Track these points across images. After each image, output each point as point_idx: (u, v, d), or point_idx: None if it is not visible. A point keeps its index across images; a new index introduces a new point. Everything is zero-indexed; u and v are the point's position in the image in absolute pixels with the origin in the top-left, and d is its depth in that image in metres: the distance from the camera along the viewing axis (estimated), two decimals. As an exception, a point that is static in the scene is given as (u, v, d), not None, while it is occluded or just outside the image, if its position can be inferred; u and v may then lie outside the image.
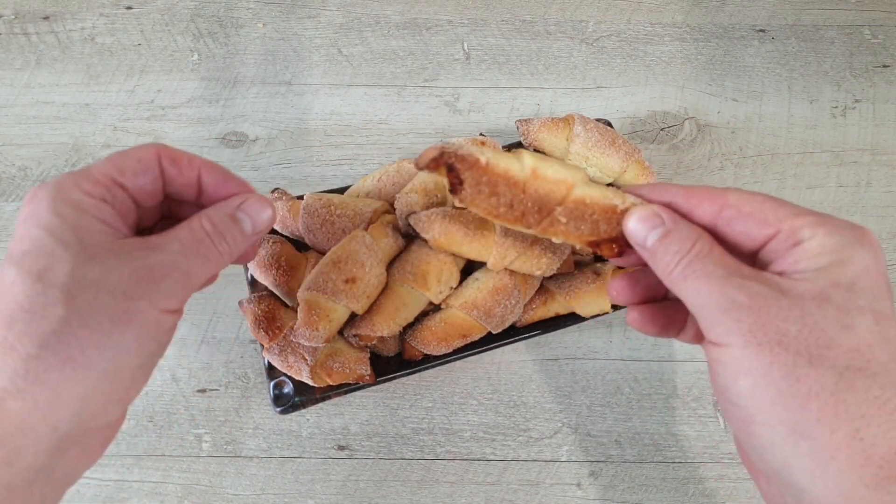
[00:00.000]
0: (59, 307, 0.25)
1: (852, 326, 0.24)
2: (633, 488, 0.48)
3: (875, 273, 0.26)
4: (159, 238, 0.29)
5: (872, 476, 0.23)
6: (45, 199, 0.27)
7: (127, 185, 0.29)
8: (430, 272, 0.43)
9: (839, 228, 0.27)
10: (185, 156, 0.31)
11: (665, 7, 0.62)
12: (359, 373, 0.44)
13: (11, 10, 0.60)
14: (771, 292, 0.25)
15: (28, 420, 0.24)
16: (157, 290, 0.27)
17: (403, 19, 0.61)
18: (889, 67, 0.60)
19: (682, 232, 0.28)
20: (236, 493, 0.48)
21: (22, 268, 0.25)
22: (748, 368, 0.25)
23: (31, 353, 0.24)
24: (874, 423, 0.23)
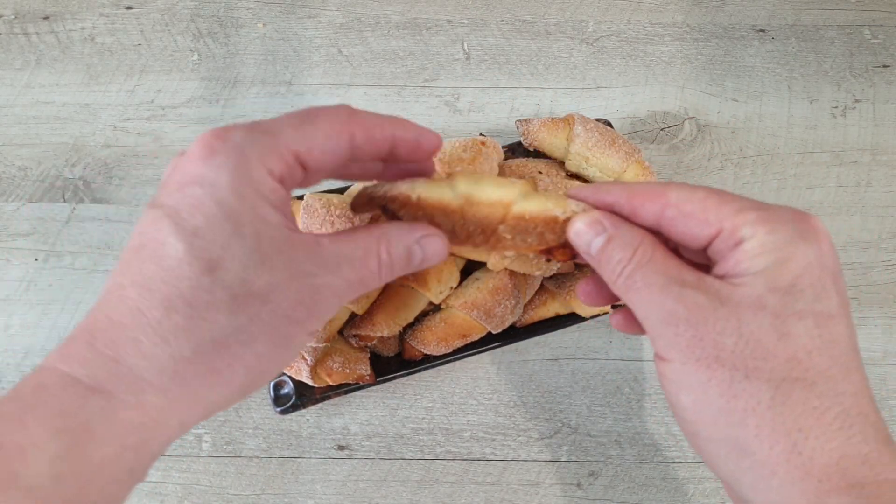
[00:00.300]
0: (223, 315, 0.23)
1: (789, 334, 0.24)
2: (633, 488, 0.48)
3: (818, 269, 0.24)
4: (330, 248, 0.26)
5: (812, 490, 0.23)
6: (228, 168, 0.24)
7: (308, 164, 0.26)
8: (430, 272, 0.43)
9: (781, 224, 0.25)
10: (377, 126, 0.27)
11: (665, 7, 0.62)
12: (359, 373, 0.44)
13: (11, 10, 0.60)
14: (710, 302, 0.24)
15: (163, 415, 0.24)
16: (313, 314, 0.26)
17: (403, 19, 0.61)
18: (889, 67, 0.60)
19: (623, 238, 0.27)
20: (236, 493, 0.48)
21: (192, 250, 0.23)
22: (689, 385, 0.25)
23: (185, 354, 0.23)
24: (812, 435, 0.23)
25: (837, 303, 0.24)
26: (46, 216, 0.54)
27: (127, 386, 0.23)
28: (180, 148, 0.56)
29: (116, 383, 0.23)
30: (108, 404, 0.23)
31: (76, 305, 0.52)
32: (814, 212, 0.55)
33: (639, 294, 0.26)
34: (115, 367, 0.23)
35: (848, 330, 0.24)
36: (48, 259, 0.53)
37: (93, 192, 0.55)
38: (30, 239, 0.53)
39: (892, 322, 0.52)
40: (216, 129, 0.25)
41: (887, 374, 0.51)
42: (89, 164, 0.55)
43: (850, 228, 0.55)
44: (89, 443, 0.22)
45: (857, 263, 0.54)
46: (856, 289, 0.53)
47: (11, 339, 0.51)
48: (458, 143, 0.47)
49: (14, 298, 0.52)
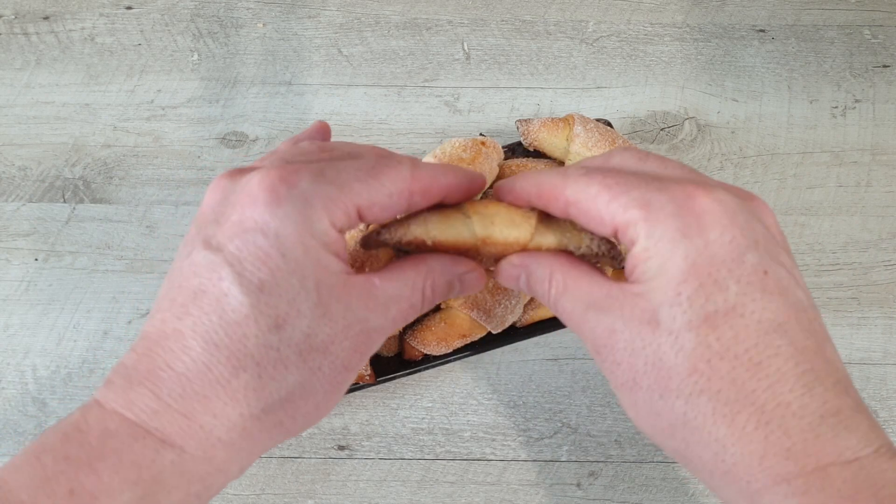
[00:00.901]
0: (291, 374, 0.24)
1: (684, 349, 0.23)
2: (633, 488, 0.48)
3: (705, 266, 0.23)
4: (381, 289, 0.26)
5: (744, 490, 0.23)
6: (292, 219, 0.23)
7: (367, 218, 0.26)
8: (430, 272, 0.43)
9: (661, 221, 0.23)
10: (435, 182, 0.27)
11: (665, 7, 0.62)
12: (359, 373, 0.44)
13: (11, 10, 0.60)
14: (615, 324, 0.25)
15: (228, 465, 0.25)
16: (364, 359, 0.26)
17: (403, 19, 0.61)
18: (889, 67, 0.60)
19: (535, 273, 0.28)
20: (236, 493, 0.48)
21: (259, 305, 0.23)
22: (625, 404, 0.26)
23: (254, 413, 0.24)
24: (729, 443, 0.23)
25: (738, 290, 0.23)
26: (46, 216, 0.54)
27: (198, 443, 0.24)
28: (180, 148, 0.56)
29: (187, 439, 0.23)
30: (178, 458, 0.23)
31: (76, 305, 0.52)
32: (813, 212, 0.55)
33: (568, 321, 0.27)
34: (185, 422, 0.23)
35: (758, 314, 0.23)
36: (48, 259, 0.53)
37: (93, 192, 0.55)
38: (30, 239, 0.53)
39: (892, 322, 0.52)
40: (282, 172, 0.24)
41: (887, 375, 0.51)
42: (89, 164, 0.55)
43: (850, 228, 0.55)
44: (160, 493, 0.23)
45: (857, 263, 0.54)
46: (856, 289, 0.53)
47: (11, 339, 0.51)
48: (458, 143, 0.47)
49: (14, 298, 0.52)
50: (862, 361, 0.51)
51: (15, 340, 0.51)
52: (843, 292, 0.53)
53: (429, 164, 0.28)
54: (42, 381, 0.50)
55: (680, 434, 0.24)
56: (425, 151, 0.56)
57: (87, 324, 0.51)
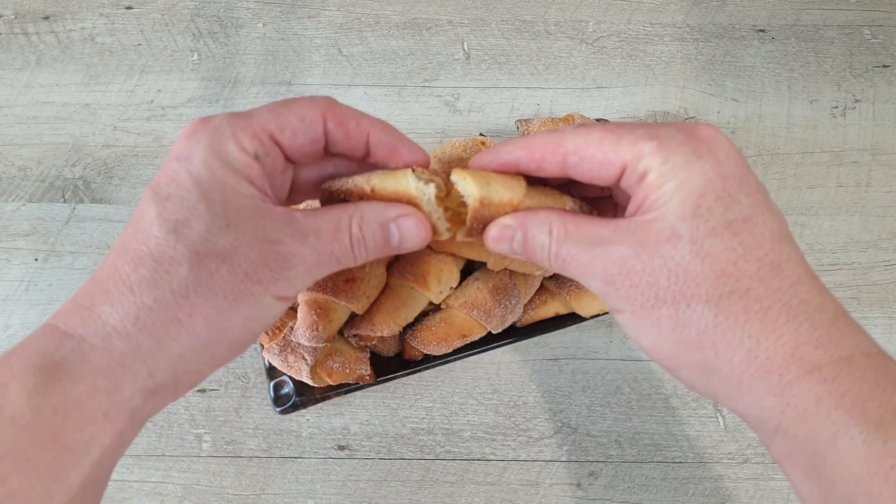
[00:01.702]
0: (184, 268, 0.25)
1: (710, 254, 0.25)
2: (633, 488, 0.48)
3: (719, 181, 0.25)
4: (302, 220, 0.28)
5: (776, 384, 0.24)
6: (202, 143, 0.27)
7: (284, 143, 0.28)
8: (430, 272, 0.43)
9: (673, 149, 0.26)
10: (352, 117, 0.29)
11: (665, 7, 0.62)
12: (359, 373, 0.44)
13: (11, 10, 0.60)
14: (631, 250, 0.26)
15: (129, 360, 0.26)
16: (279, 278, 0.27)
17: (403, 19, 0.61)
18: (889, 67, 0.60)
19: (534, 227, 0.29)
20: (236, 493, 0.48)
21: (162, 213, 0.26)
22: (643, 329, 0.26)
23: (146, 302, 0.25)
24: (762, 337, 0.24)
25: (749, 204, 0.25)
26: (46, 216, 0.54)
27: (95, 330, 0.25)
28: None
29: (86, 328, 0.26)
30: (78, 346, 0.25)
31: (76, 305, 0.52)
32: (813, 212, 0.55)
33: (573, 266, 0.28)
34: (87, 314, 0.26)
35: (770, 224, 0.25)
36: (48, 259, 0.53)
37: (93, 192, 0.55)
38: (30, 239, 0.53)
39: (892, 322, 0.52)
40: (202, 117, 0.28)
41: (887, 374, 0.51)
42: (89, 164, 0.55)
43: (850, 228, 0.55)
44: (63, 379, 0.25)
45: (857, 263, 0.54)
46: (856, 289, 0.53)
47: (11, 339, 0.51)
48: (458, 142, 0.47)
49: (14, 298, 0.52)
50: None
51: (15, 340, 0.51)
52: (843, 292, 0.53)
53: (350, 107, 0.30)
54: (42, 381, 0.50)
55: (709, 340, 0.25)
56: (425, 151, 0.56)
57: (87, 324, 0.51)
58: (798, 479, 0.24)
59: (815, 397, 0.23)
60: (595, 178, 0.28)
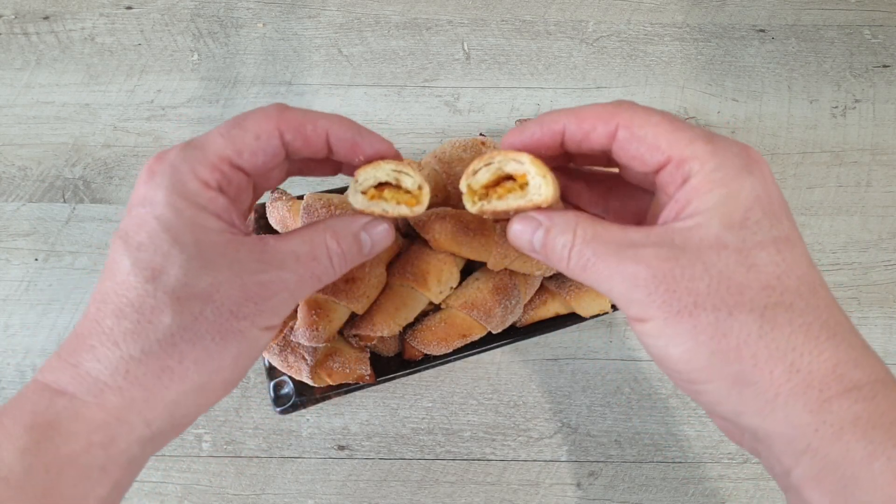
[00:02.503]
0: (167, 315, 0.25)
1: (756, 265, 0.24)
2: (633, 488, 0.48)
3: (766, 199, 0.25)
4: (276, 246, 0.28)
5: (815, 400, 0.23)
6: (162, 186, 0.26)
7: (244, 166, 0.28)
8: (430, 272, 0.43)
9: (727, 158, 0.25)
10: (308, 121, 0.29)
11: (665, 7, 0.62)
12: (359, 373, 0.44)
13: (11, 10, 0.60)
14: (669, 252, 0.25)
15: (124, 413, 0.26)
16: (263, 309, 0.27)
17: (403, 19, 0.61)
18: (889, 67, 0.60)
19: (560, 225, 0.28)
20: (236, 493, 0.48)
21: (136, 262, 0.25)
22: (676, 337, 0.25)
23: (134, 355, 0.25)
24: (805, 351, 0.24)
25: (789, 226, 0.25)
26: (46, 216, 0.54)
27: (87, 388, 0.25)
28: (180, 148, 0.56)
29: (77, 385, 0.25)
30: (71, 404, 0.25)
31: (76, 305, 0.52)
32: (813, 212, 0.55)
33: (595, 269, 0.26)
34: (74, 371, 0.25)
35: (804, 250, 0.26)
36: (48, 259, 0.53)
37: (93, 192, 0.55)
38: (30, 239, 0.53)
39: (892, 322, 0.52)
40: (157, 154, 0.27)
41: (887, 374, 0.51)
42: (89, 164, 0.55)
43: (850, 228, 0.55)
44: (56, 438, 0.25)
45: (857, 263, 0.54)
46: (856, 289, 0.53)
47: (11, 339, 0.51)
48: (458, 142, 0.47)
49: (14, 298, 0.52)
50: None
51: (15, 340, 0.51)
52: (843, 292, 0.53)
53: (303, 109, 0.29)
54: (42, 381, 0.50)
55: (749, 350, 0.24)
56: (425, 151, 0.56)
57: (87, 324, 0.51)
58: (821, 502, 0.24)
59: (853, 416, 0.23)
60: (636, 161, 0.27)
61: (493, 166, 0.29)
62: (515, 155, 0.29)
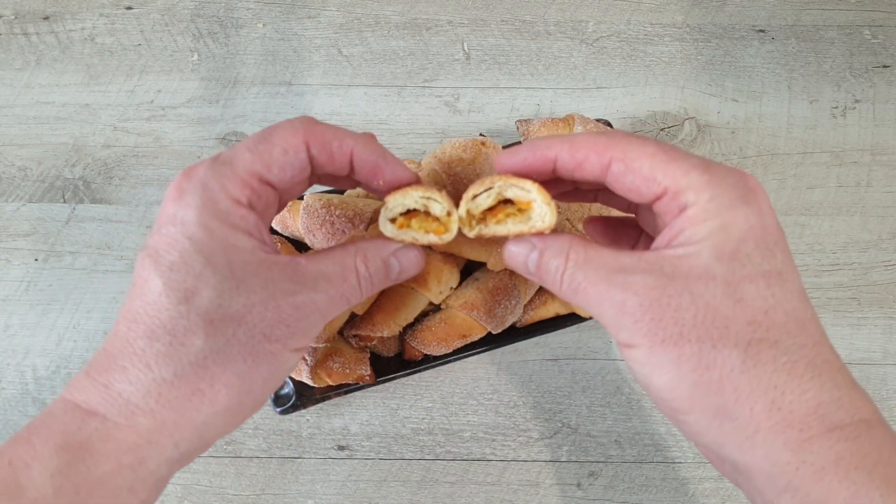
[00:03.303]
0: (200, 338, 0.25)
1: (743, 299, 0.24)
2: (633, 488, 0.48)
3: (760, 231, 0.25)
4: (307, 267, 0.28)
5: (795, 439, 0.23)
6: (194, 204, 0.26)
7: (273, 181, 0.28)
8: (430, 272, 0.43)
9: (722, 188, 0.25)
10: (334, 138, 0.28)
11: (665, 7, 0.62)
12: (359, 373, 0.44)
13: (11, 10, 0.60)
14: (658, 281, 0.25)
15: (155, 436, 0.26)
16: (295, 332, 0.27)
17: (403, 19, 0.61)
18: (889, 67, 0.60)
19: (553, 248, 0.28)
20: (236, 493, 0.48)
21: (169, 283, 0.25)
22: (660, 366, 0.25)
23: (166, 378, 0.25)
24: (787, 389, 0.24)
25: (782, 259, 0.25)
26: (46, 216, 0.54)
27: (118, 409, 0.25)
28: (180, 148, 0.56)
29: (108, 407, 0.25)
30: (102, 426, 0.25)
31: (76, 305, 0.52)
32: (813, 212, 0.55)
33: (586, 293, 0.26)
34: (106, 392, 0.25)
35: (797, 284, 0.25)
36: (48, 259, 0.53)
37: (93, 192, 0.55)
38: (30, 239, 0.53)
39: (892, 322, 0.52)
40: (185, 170, 0.27)
41: (887, 375, 0.51)
42: (89, 164, 0.55)
43: (850, 228, 0.55)
44: (88, 459, 0.24)
45: (857, 263, 0.54)
46: (856, 289, 0.53)
47: (11, 339, 0.51)
48: (458, 143, 0.47)
49: (14, 298, 0.52)
50: (862, 361, 0.51)
51: (15, 340, 0.51)
52: (843, 292, 0.53)
53: (331, 125, 0.29)
54: (42, 381, 0.50)
55: (731, 385, 0.24)
56: (425, 151, 0.56)
57: (87, 324, 0.51)
58: None
59: (834, 456, 0.23)
60: (632, 193, 0.27)
61: (493, 191, 0.29)
62: (518, 181, 0.29)
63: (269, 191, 0.28)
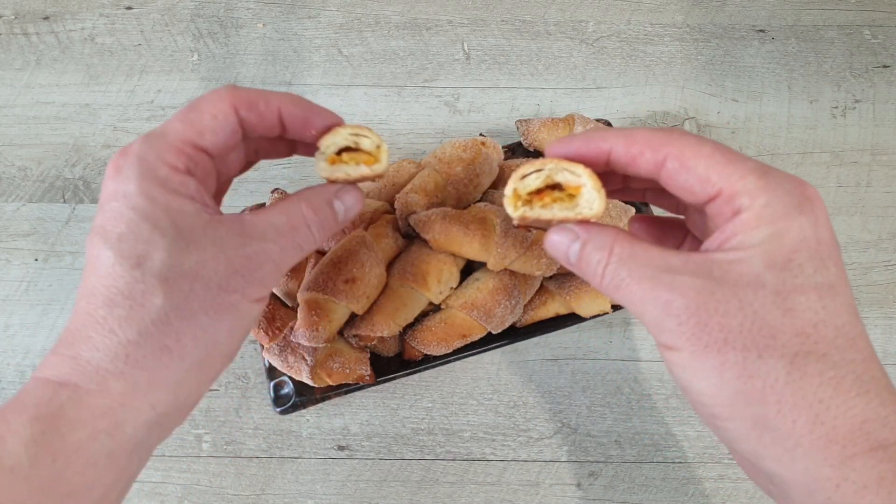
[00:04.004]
0: (158, 297, 0.26)
1: (793, 310, 0.24)
2: (633, 488, 0.48)
3: (814, 242, 0.24)
4: (254, 220, 0.29)
5: (837, 456, 0.23)
6: (133, 177, 0.26)
7: (207, 146, 0.28)
8: (430, 272, 0.43)
9: (778, 195, 0.24)
10: (261, 98, 0.29)
11: (665, 7, 0.62)
12: (359, 373, 0.44)
13: (11, 10, 0.60)
14: (705, 284, 0.24)
15: (129, 398, 0.26)
16: (251, 281, 0.28)
17: (403, 19, 0.61)
18: (889, 67, 0.60)
19: (597, 240, 0.27)
20: (236, 493, 0.48)
21: (120, 252, 0.26)
22: (702, 371, 0.24)
23: (131, 339, 0.26)
24: (833, 404, 0.23)
25: (835, 273, 0.24)
26: (46, 216, 0.54)
27: (89, 376, 0.26)
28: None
29: (79, 376, 0.26)
30: (74, 393, 0.25)
31: (76, 305, 0.52)
32: (814, 212, 0.55)
33: (629, 290, 0.26)
34: (74, 363, 0.26)
35: (848, 298, 0.24)
36: (48, 259, 0.53)
37: (93, 192, 0.55)
38: (30, 239, 0.53)
39: (892, 322, 0.52)
40: (120, 150, 0.28)
41: (887, 374, 0.51)
42: (89, 164, 0.55)
43: (850, 228, 0.55)
44: (62, 427, 0.25)
45: (857, 263, 0.54)
46: (856, 289, 0.53)
47: (11, 339, 0.51)
48: (458, 143, 0.47)
49: (14, 298, 0.52)
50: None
51: (15, 340, 0.51)
52: (843, 292, 0.53)
53: (254, 88, 0.30)
54: (42, 381, 0.50)
55: (774, 396, 0.23)
56: (425, 151, 0.56)
57: (87, 324, 0.51)
58: None
59: (877, 475, 0.22)
60: (685, 192, 0.26)
61: (543, 173, 0.29)
62: (570, 165, 0.28)
63: (204, 157, 0.29)
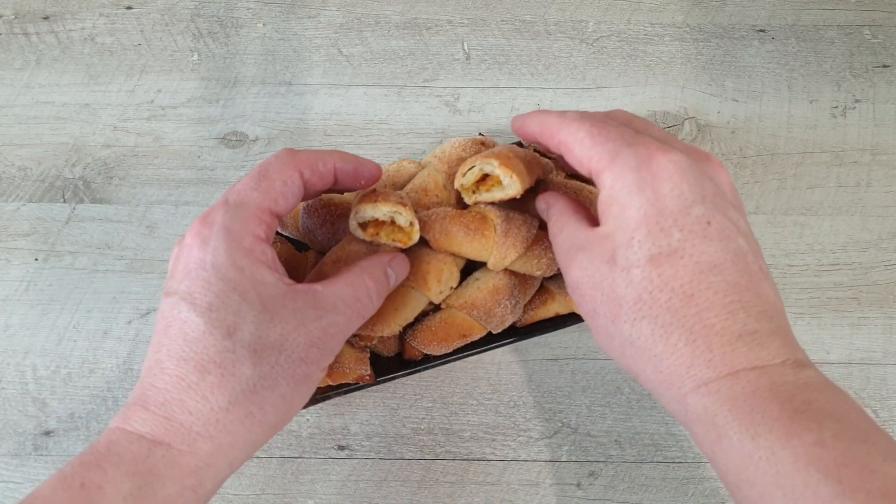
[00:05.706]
0: (248, 367, 0.28)
1: (632, 281, 0.28)
2: (633, 488, 0.48)
3: (655, 215, 0.28)
4: (325, 292, 0.31)
5: (676, 395, 0.28)
6: (222, 248, 0.29)
7: (280, 212, 0.31)
8: (430, 272, 0.43)
9: (622, 174, 0.29)
10: (319, 160, 0.32)
11: (665, 7, 0.62)
12: (359, 373, 0.44)
13: (11, 10, 0.60)
14: (588, 262, 0.30)
15: (214, 458, 0.29)
16: (325, 353, 0.31)
17: (403, 19, 0.61)
18: (889, 67, 0.60)
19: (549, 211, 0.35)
20: (236, 493, 0.48)
21: (211, 322, 0.28)
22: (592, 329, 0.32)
23: (222, 406, 0.28)
24: (664, 356, 0.28)
25: (681, 237, 0.28)
26: (46, 216, 0.54)
27: (181, 438, 0.28)
28: (180, 148, 0.56)
29: (172, 436, 0.28)
30: (168, 453, 0.28)
31: (76, 305, 0.52)
32: (813, 212, 0.55)
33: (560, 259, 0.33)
34: (168, 424, 0.28)
35: (696, 257, 0.28)
36: (48, 259, 0.53)
37: (93, 192, 0.55)
38: (30, 239, 0.53)
39: (892, 322, 0.52)
40: (201, 217, 0.30)
41: (887, 375, 0.51)
42: (89, 164, 0.55)
43: (850, 228, 0.55)
44: (155, 483, 0.27)
45: (857, 263, 0.54)
46: (856, 289, 0.53)
47: (11, 339, 0.51)
48: (458, 142, 0.47)
49: (14, 298, 0.52)
50: (862, 361, 0.51)
51: (15, 340, 0.51)
52: (843, 292, 0.53)
53: (309, 149, 0.34)
54: (42, 381, 0.50)
55: (628, 352, 0.29)
56: (425, 151, 0.56)
57: (87, 324, 0.51)
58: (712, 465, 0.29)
59: (702, 407, 0.27)
60: (581, 172, 0.31)
61: (475, 168, 0.37)
62: (487, 160, 0.36)
63: (276, 221, 0.32)
